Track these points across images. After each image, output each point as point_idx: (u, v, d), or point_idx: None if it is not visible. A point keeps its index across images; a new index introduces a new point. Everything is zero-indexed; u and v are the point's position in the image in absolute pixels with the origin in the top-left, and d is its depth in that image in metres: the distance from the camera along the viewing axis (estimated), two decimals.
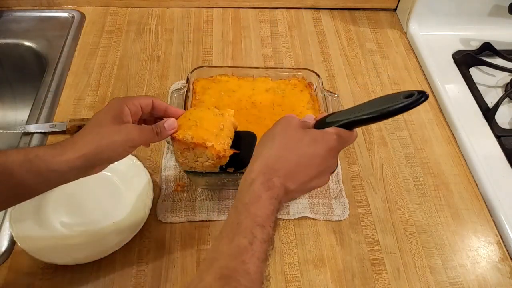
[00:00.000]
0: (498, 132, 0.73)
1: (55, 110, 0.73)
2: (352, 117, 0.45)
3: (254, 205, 0.41)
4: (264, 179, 0.42)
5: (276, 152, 0.44)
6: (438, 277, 0.58)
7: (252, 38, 0.88)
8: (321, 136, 0.45)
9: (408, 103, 0.40)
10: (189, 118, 0.55)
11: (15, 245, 0.56)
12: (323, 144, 0.44)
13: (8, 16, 0.88)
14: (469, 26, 0.91)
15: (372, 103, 0.44)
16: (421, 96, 0.40)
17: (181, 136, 0.52)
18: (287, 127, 0.46)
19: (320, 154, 0.44)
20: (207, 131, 0.53)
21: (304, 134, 0.45)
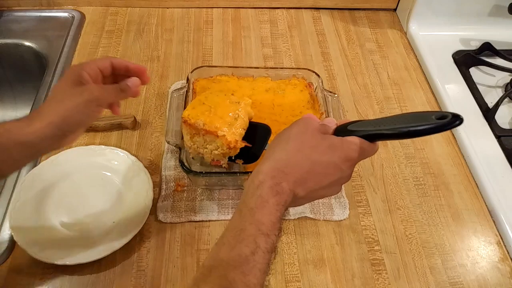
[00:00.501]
0: (498, 132, 0.73)
1: None
2: (378, 129, 0.42)
3: (259, 211, 0.39)
4: (272, 182, 0.40)
5: (289, 156, 0.42)
6: (438, 277, 0.58)
7: (252, 38, 0.88)
8: (340, 144, 0.42)
9: (440, 125, 0.38)
10: (203, 102, 0.53)
11: (15, 245, 0.56)
12: (341, 153, 0.41)
13: (8, 16, 0.88)
14: (469, 26, 0.91)
15: (400, 118, 0.42)
16: (456, 119, 0.37)
17: (193, 120, 0.51)
18: (305, 129, 0.44)
19: (336, 163, 0.41)
20: (221, 118, 0.51)
21: (322, 140, 0.42)
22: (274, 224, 0.39)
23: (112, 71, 0.50)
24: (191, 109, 0.54)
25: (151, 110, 0.74)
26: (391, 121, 0.42)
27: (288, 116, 0.66)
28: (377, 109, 0.77)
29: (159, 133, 0.71)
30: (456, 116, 0.37)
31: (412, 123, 0.40)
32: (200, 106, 0.53)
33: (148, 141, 0.69)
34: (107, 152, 0.65)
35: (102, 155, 0.65)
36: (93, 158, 0.64)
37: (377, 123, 0.43)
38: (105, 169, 0.63)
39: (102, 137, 0.69)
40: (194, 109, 0.53)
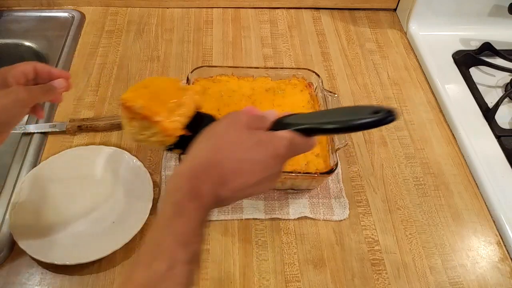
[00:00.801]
0: (498, 132, 0.73)
1: (55, 110, 0.73)
2: (313, 123, 0.40)
3: (177, 219, 0.35)
4: (190, 186, 0.36)
5: (210, 154, 0.38)
6: (438, 277, 0.58)
7: (252, 38, 0.88)
8: (269, 140, 0.39)
9: (373, 120, 0.36)
10: (146, 86, 0.50)
11: (15, 245, 0.56)
12: (269, 150, 0.38)
13: (8, 16, 0.88)
14: (469, 26, 0.91)
15: (337, 112, 0.41)
16: (389, 115, 0.36)
17: (129, 103, 0.47)
18: (231, 125, 0.40)
19: (262, 160, 0.38)
20: (162, 104, 0.48)
21: (248, 136, 0.39)
22: (195, 230, 0.35)
23: (35, 75, 0.50)
24: (131, 92, 0.50)
25: None
26: (327, 115, 0.41)
27: None
28: None
29: None
30: (390, 111, 0.36)
31: (349, 117, 0.38)
32: (142, 89, 0.50)
33: None
34: (107, 152, 0.65)
35: (102, 155, 0.65)
36: (93, 158, 0.64)
37: (314, 116, 0.41)
38: (105, 169, 0.63)
39: (102, 137, 0.69)
40: (135, 91, 0.49)
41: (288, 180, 0.61)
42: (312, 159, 0.61)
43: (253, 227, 0.61)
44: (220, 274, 0.56)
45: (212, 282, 0.56)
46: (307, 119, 0.41)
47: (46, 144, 0.68)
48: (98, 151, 0.65)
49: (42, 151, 0.67)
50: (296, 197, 0.64)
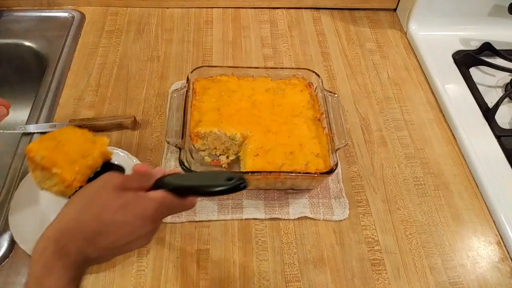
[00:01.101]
0: (498, 132, 0.73)
1: (55, 110, 0.73)
2: (179, 183, 0.42)
3: (46, 279, 0.36)
4: (56, 246, 0.37)
5: (77, 215, 0.39)
6: (438, 277, 0.58)
7: (252, 38, 0.88)
8: (136, 201, 0.40)
9: (226, 188, 0.39)
10: (55, 137, 0.53)
11: (15, 245, 0.56)
12: (136, 211, 0.39)
13: (8, 16, 0.88)
14: (469, 26, 0.91)
15: (203, 176, 0.43)
16: (240, 183, 0.39)
17: (32, 154, 0.50)
18: (101, 187, 0.41)
19: (129, 221, 0.39)
20: (66, 155, 0.51)
21: (116, 198, 0.40)
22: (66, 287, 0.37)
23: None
24: (38, 142, 0.53)
25: (151, 110, 0.74)
26: (195, 177, 0.43)
27: (288, 116, 0.66)
28: (377, 109, 0.77)
29: (159, 133, 0.71)
30: (241, 180, 0.39)
31: (206, 182, 0.41)
32: (49, 141, 0.52)
33: (148, 141, 0.69)
34: None
35: None
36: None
37: (186, 178, 0.43)
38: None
39: None
40: (41, 142, 0.52)
41: (288, 180, 0.61)
42: (312, 159, 0.61)
43: (253, 227, 0.61)
44: (220, 274, 0.56)
45: (212, 282, 0.56)
46: (179, 180, 0.42)
47: None
48: None
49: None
50: (296, 197, 0.64)
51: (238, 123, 0.64)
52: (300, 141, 0.63)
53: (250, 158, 0.60)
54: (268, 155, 0.61)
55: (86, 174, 0.51)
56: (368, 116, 0.76)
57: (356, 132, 0.74)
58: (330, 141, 0.62)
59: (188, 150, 0.63)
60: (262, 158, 0.60)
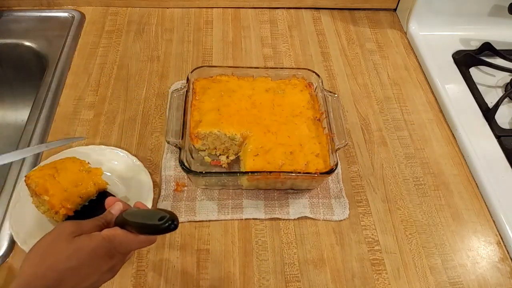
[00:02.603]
0: (498, 132, 0.73)
1: (55, 110, 0.73)
2: (121, 219, 0.43)
3: None
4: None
5: (34, 270, 0.40)
6: (438, 277, 0.58)
7: (252, 38, 0.88)
8: (88, 243, 0.41)
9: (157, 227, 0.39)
10: (54, 166, 0.57)
11: (15, 245, 0.56)
12: (89, 253, 0.40)
13: (8, 16, 0.88)
14: (469, 26, 0.91)
15: (144, 213, 0.44)
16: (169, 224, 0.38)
17: (28, 181, 0.54)
18: (55, 236, 0.42)
19: (85, 264, 0.40)
20: (58, 183, 0.55)
21: (68, 244, 0.41)
22: None
23: None
24: (38, 171, 0.57)
25: (151, 110, 0.74)
26: (138, 214, 0.43)
27: (288, 116, 0.66)
28: (377, 109, 0.77)
29: (159, 133, 0.71)
30: (170, 220, 0.39)
31: (141, 220, 0.41)
32: (49, 169, 0.56)
33: (148, 141, 0.69)
34: (107, 152, 0.65)
35: (102, 155, 0.65)
36: (93, 158, 0.64)
37: (131, 214, 0.43)
38: (105, 169, 0.63)
39: (102, 137, 0.69)
40: (41, 171, 0.56)
41: (288, 180, 0.61)
42: (312, 159, 0.61)
43: (253, 227, 0.61)
44: (220, 274, 0.56)
45: (212, 282, 0.56)
46: (126, 215, 0.43)
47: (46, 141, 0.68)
48: (98, 151, 0.65)
49: (42, 151, 0.67)
50: (296, 197, 0.64)
51: (238, 123, 0.64)
52: (300, 141, 0.63)
53: (250, 158, 0.60)
54: (268, 155, 0.61)
55: (76, 203, 0.56)
56: (368, 116, 0.76)
57: (356, 132, 0.74)
58: (330, 141, 0.62)
59: (188, 150, 0.63)
60: (262, 158, 0.60)
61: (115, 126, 0.71)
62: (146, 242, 0.44)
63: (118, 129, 0.71)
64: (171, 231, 0.39)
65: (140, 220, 0.42)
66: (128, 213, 0.44)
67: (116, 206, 0.46)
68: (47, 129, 0.70)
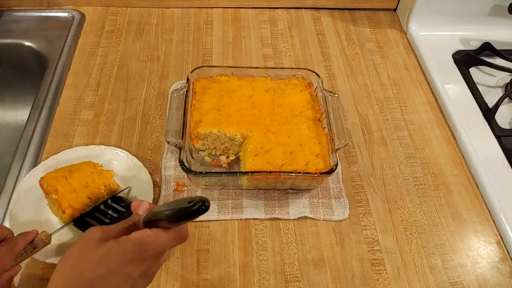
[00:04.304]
0: (498, 132, 0.73)
1: (55, 110, 0.73)
2: (150, 215, 0.41)
3: None
4: None
5: (64, 281, 0.38)
6: (438, 277, 0.58)
7: (252, 38, 0.88)
8: (116, 248, 0.39)
9: (188, 210, 0.37)
10: (69, 169, 0.57)
11: None
12: (118, 258, 0.38)
13: (8, 16, 0.88)
14: (469, 26, 0.91)
15: (173, 202, 0.41)
16: (200, 206, 0.36)
17: (42, 181, 0.56)
18: (82, 244, 0.40)
19: (115, 270, 0.38)
20: (69, 184, 0.55)
21: (96, 251, 0.39)
22: None
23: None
24: (53, 172, 0.57)
25: (151, 110, 0.74)
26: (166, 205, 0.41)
27: (288, 116, 0.66)
28: (377, 109, 0.77)
29: (159, 133, 0.71)
30: (202, 201, 0.36)
31: (171, 207, 0.39)
32: (62, 170, 0.57)
33: (148, 141, 0.69)
34: (107, 152, 0.65)
35: (102, 155, 0.65)
36: (93, 158, 0.64)
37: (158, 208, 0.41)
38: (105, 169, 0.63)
39: (102, 137, 0.69)
40: (56, 173, 0.57)
41: (288, 180, 0.61)
42: (312, 159, 0.61)
43: (253, 227, 0.61)
44: (220, 274, 0.56)
45: (212, 282, 0.56)
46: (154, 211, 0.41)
47: (46, 144, 0.68)
48: (98, 151, 0.65)
49: (42, 151, 0.67)
50: (296, 197, 0.64)
51: (238, 123, 0.64)
52: (300, 141, 0.63)
53: (250, 158, 0.60)
54: (268, 155, 0.61)
55: (84, 203, 0.56)
56: (368, 116, 0.76)
57: (356, 132, 0.74)
58: (330, 141, 0.62)
59: (188, 150, 0.63)
60: (262, 158, 0.60)
61: (115, 126, 0.71)
62: (178, 239, 0.41)
63: (118, 129, 0.71)
64: (203, 213, 0.37)
65: (169, 207, 0.39)
66: (155, 209, 0.42)
67: (142, 207, 0.44)
68: (47, 129, 0.70)
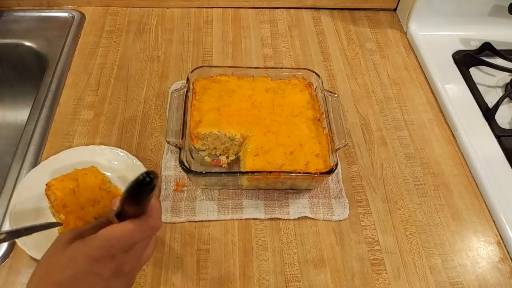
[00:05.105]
0: (498, 132, 0.73)
1: (55, 110, 0.73)
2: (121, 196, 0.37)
3: None
4: None
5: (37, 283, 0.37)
6: (438, 277, 0.58)
7: (252, 38, 0.88)
8: (81, 247, 0.36)
9: (132, 183, 0.34)
10: (77, 179, 0.55)
11: (15, 245, 0.56)
12: (84, 258, 0.36)
13: (8, 16, 0.88)
14: (469, 26, 0.91)
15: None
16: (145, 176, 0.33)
17: (48, 192, 0.54)
18: (52, 250, 0.38)
19: (83, 271, 0.35)
20: (77, 200, 0.53)
21: (62, 253, 0.36)
22: None
23: None
24: (59, 180, 0.55)
25: (151, 110, 0.74)
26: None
27: (288, 116, 0.66)
28: (377, 109, 0.77)
29: (159, 133, 0.71)
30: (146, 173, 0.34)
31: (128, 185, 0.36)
32: (70, 180, 0.54)
33: (148, 141, 0.69)
34: (107, 152, 0.65)
35: (102, 155, 0.65)
36: (93, 158, 0.64)
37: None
38: (105, 169, 0.63)
39: (102, 137, 0.69)
40: (62, 182, 0.54)
41: (288, 180, 0.61)
42: (312, 159, 0.61)
43: (253, 227, 0.61)
44: (220, 274, 0.56)
45: (212, 282, 0.56)
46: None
47: (46, 144, 0.68)
48: (98, 151, 0.65)
49: (42, 151, 0.67)
50: (296, 197, 0.64)
51: (238, 123, 0.64)
52: (300, 141, 0.63)
53: (250, 158, 0.60)
54: (268, 155, 0.61)
55: (89, 223, 0.53)
56: (368, 116, 0.76)
57: (356, 132, 0.74)
58: (330, 141, 0.62)
59: (188, 150, 0.63)
60: (262, 158, 0.60)
61: (115, 126, 0.71)
62: (147, 229, 0.38)
63: (118, 129, 0.71)
64: (148, 186, 0.34)
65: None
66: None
67: (116, 201, 0.40)
68: (47, 129, 0.70)
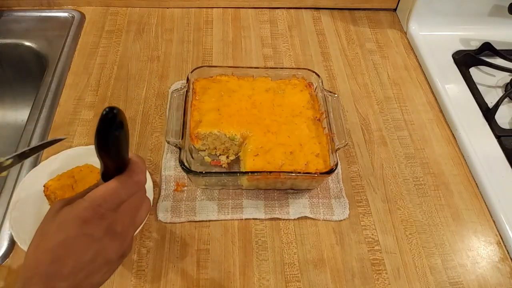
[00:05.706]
0: (498, 132, 0.73)
1: (55, 110, 0.73)
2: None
3: None
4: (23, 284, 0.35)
5: (30, 254, 0.36)
6: (438, 277, 0.58)
7: (252, 38, 0.88)
8: (70, 211, 0.36)
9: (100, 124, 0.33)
10: (73, 175, 0.55)
11: (15, 245, 0.56)
12: (74, 221, 0.35)
13: (8, 16, 0.88)
14: (469, 26, 0.91)
15: None
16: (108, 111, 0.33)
17: (48, 192, 0.54)
18: (45, 219, 0.38)
19: (75, 234, 0.35)
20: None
21: (52, 219, 0.37)
22: None
23: None
24: (56, 180, 0.55)
25: (151, 110, 0.74)
26: None
27: (288, 116, 0.66)
28: (377, 109, 0.77)
29: (159, 133, 0.71)
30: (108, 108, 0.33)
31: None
32: (67, 178, 0.54)
33: (148, 141, 0.69)
34: None
35: None
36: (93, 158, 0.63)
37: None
38: None
39: None
40: (59, 180, 0.54)
41: (288, 180, 0.61)
42: (312, 159, 0.61)
43: (253, 227, 0.61)
44: (220, 274, 0.56)
45: (212, 282, 0.56)
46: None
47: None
48: None
49: (42, 151, 0.67)
50: (296, 197, 0.64)
51: (238, 123, 0.64)
52: (300, 141, 0.63)
53: (250, 158, 0.60)
54: (268, 155, 0.61)
55: None
56: (368, 116, 0.76)
57: (356, 132, 0.74)
58: (330, 141, 0.62)
59: (188, 150, 0.63)
60: (262, 158, 0.60)
61: None
62: (132, 185, 0.38)
63: None
64: (112, 121, 0.33)
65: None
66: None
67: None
68: (47, 129, 0.70)
